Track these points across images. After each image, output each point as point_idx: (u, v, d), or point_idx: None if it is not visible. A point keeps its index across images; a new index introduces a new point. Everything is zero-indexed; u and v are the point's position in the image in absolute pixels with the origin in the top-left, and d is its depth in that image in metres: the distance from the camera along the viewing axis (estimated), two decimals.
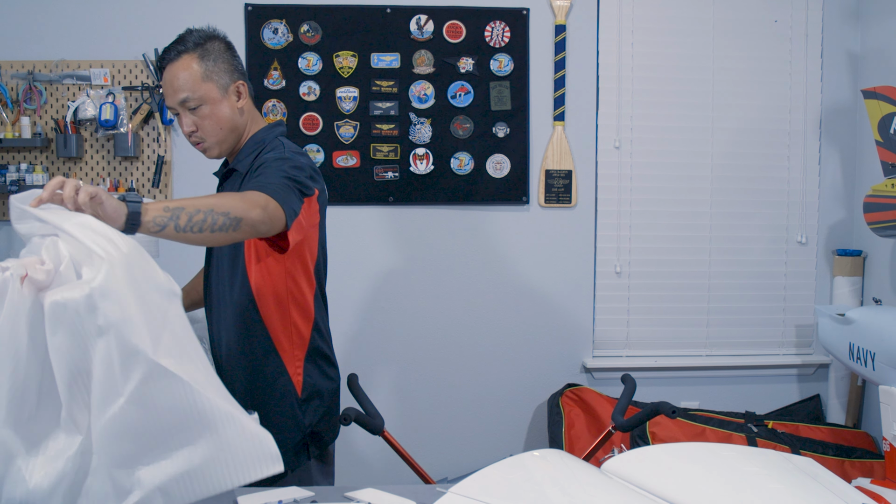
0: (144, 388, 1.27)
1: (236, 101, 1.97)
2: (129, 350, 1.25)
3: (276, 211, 1.66)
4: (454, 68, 3.33)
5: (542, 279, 3.44)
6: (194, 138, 1.97)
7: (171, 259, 1.74)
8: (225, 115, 1.95)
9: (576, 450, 3.17)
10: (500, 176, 3.38)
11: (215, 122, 1.94)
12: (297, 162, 1.87)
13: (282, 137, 2.01)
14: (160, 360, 1.27)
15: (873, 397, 3.28)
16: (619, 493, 1.45)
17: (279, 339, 1.97)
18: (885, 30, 3.29)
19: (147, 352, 1.26)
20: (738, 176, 3.47)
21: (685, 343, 3.50)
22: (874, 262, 3.36)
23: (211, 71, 1.93)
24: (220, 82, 1.94)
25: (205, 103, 1.92)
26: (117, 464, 1.32)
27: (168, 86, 1.93)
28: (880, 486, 2.71)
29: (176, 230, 1.46)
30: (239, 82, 1.98)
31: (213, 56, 1.94)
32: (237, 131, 1.99)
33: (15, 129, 3.19)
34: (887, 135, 2.93)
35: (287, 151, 1.91)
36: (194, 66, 1.91)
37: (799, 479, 1.50)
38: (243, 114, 1.99)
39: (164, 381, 1.28)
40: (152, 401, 1.29)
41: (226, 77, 1.95)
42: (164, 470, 1.33)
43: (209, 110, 1.93)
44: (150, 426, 1.30)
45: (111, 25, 3.23)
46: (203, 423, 1.33)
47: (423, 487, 1.76)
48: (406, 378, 3.44)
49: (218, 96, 1.93)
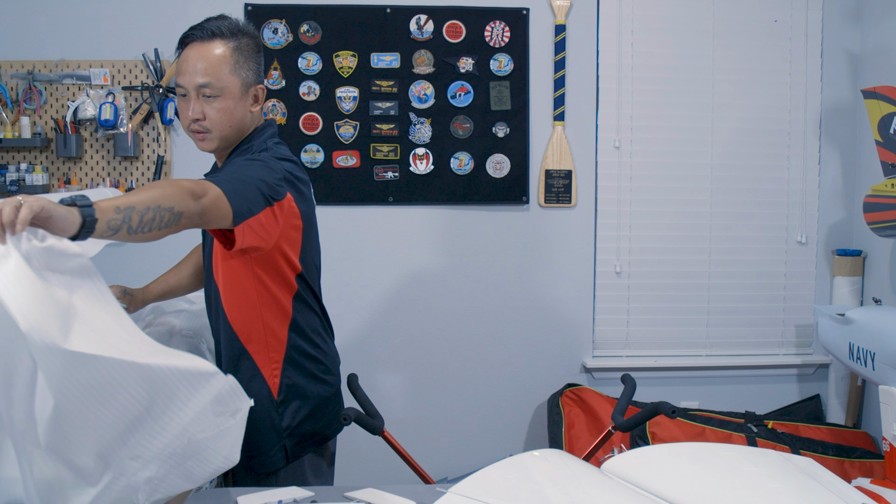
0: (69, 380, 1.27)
1: (251, 104, 1.89)
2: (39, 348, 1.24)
3: (221, 203, 1.58)
4: (454, 68, 3.33)
5: (542, 279, 3.44)
6: (197, 126, 1.84)
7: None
8: (238, 114, 1.85)
9: (576, 450, 3.17)
10: (500, 176, 3.38)
11: (227, 118, 1.84)
12: (273, 165, 1.78)
13: (270, 140, 1.91)
14: (73, 347, 1.26)
15: (873, 397, 3.28)
16: (619, 493, 1.45)
17: (249, 340, 1.90)
18: (885, 30, 3.29)
19: (57, 343, 1.25)
20: (738, 176, 3.47)
21: (685, 343, 3.50)
22: (874, 262, 3.36)
23: (240, 66, 1.84)
24: (245, 80, 1.85)
25: (223, 96, 1.82)
26: (75, 452, 1.32)
27: (189, 64, 1.81)
28: (880, 486, 2.71)
29: (128, 232, 1.37)
30: (260, 86, 1.91)
31: (246, 52, 1.86)
32: (241, 133, 1.90)
33: (15, 129, 3.19)
34: (887, 135, 2.93)
35: (267, 154, 1.84)
36: (226, 54, 1.82)
37: (799, 479, 1.50)
38: (253, 118, 1.92)
39: (85, 367, 1.27)
40: (82, 388, 1.27)
41: (252, 77, 1.87)
42: (125, 442, 1.34)
43: (224, 105, 1.82)
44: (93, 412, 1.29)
45: (111, 25, 3.23)
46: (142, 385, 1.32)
47: (423, 487, 1.75)
48: (406, 378, 3.44)
49: (238, 94, 1.84)
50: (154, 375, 1.34)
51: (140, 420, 1.35)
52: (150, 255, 2.57)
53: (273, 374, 1.92)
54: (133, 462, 1.37)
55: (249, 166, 1.74)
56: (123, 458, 1.36)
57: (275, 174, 1.76)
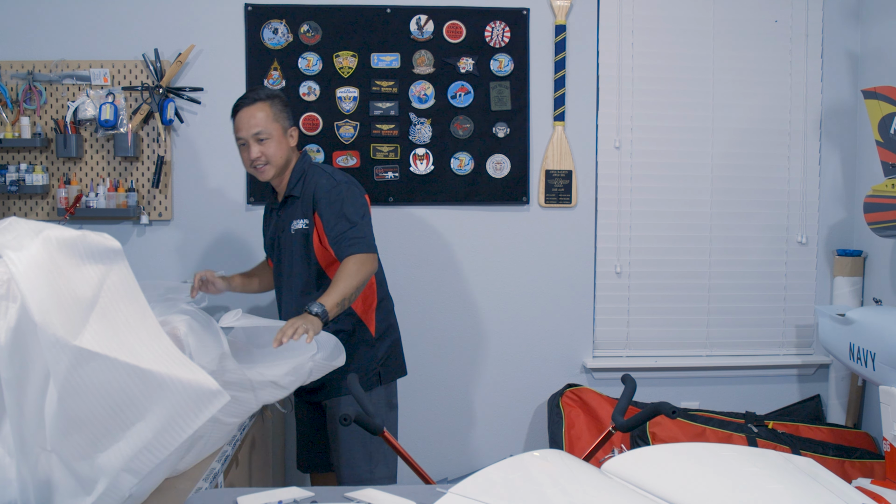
0: (74, 376, 1.27)
1: (290, 141, 2.65)
2: (49, 342, 1.25)
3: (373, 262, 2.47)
4: (454, 68, 3.33)
5: (542, 279, 3.44)
6: (258, 162, 2.57)
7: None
8: (284, 149, 2.61)
9: (576, 450, 3.17)
10: (500, 176, 3.37)
11: (278, 151, 2.59)
12: (353, 193, 2.56)
13: (317, 165, 2.68)
14: (82, 343, 1.27)
15: (873, 397, 3.28)
16: (619, 494, 1.45)
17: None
18: (885, 30, 3.29)
19: (67, 339, 1.26)
20: (738, 176, 3.47)
21: (685, 343, 3.50)
22: (874, 262, 3.35)
23: (278, 116, 2.60)
24: (284, 126, 2.62)
25: (272, 138, 2.58)
26: (75, 457, 1.33)
27: (244, 122, 2.57)
28: (880, 487, 2.71)
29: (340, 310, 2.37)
30: (293, 129, 2.66)
31: (279, 107, 2.62)
32: (288, 164, 2.64)
33: (15, 129, 3.18)
34: (887, 135, 2.93)
35: (336, 180, 2.59)
36: (268, 109, 2.58)
37: (799, 480, 1.50)
38: (292, 151, 2.66)
39: (91, 365, 1.28)
40: (86, 386, 1.29)
41: (287, 123, 2.64)
42: (122, 452, 1.35)
43: (274, 143, 2.58)
44: (94, 412, 1.31)
45: (111, 25, 3.23)
46: (143, 392, 1.33)
47: (423, 487, 1.75)
48: (406, 378, 3.43)
49: (281, 135, 2.61)
50: (158, 387, 1.34)
51: (139, 433, 1.35)
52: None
53: (369, 319, 2.68)
54: (128, 475, 1.37)
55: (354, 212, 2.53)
56: (119, 469, 1.35)
57: (360, 201, 2.58)
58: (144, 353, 1.35)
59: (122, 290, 1.36)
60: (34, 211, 3.25)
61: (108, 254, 1.34)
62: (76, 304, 1.29)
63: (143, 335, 1.37)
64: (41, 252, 1.28)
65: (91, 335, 1.28)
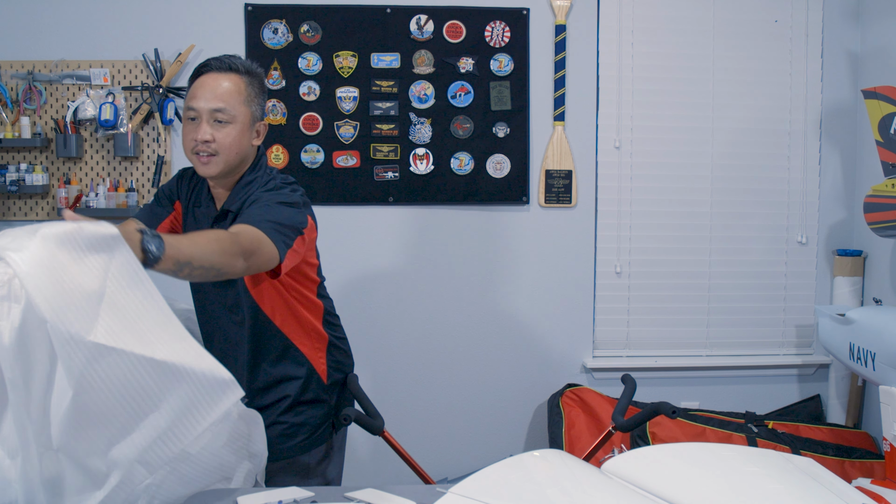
0: (90, 372, 1.27)
1: (254, 138, 2.02)
2: (63, 340, 1.25)
3: (269, 251, 1.74)
4: (454, 68, 3.33)
5: (542, 279, 3.44)
6: (204, 148, 1.93)
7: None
8: (243, 142, 1.97)
9: (576, 450, 3.17)
10: (500, 176, 3.37)
11: (235, 144, 1.95)
12: (291, 198, 1.92)
13: (274, 170, 2.06)
14: (97, 339, 1.27)
15: (873, 397, 3.28)
16: (619, 494, 1.45)
17: (293, 336, 2.08)
18: (885, 30, 3.29)
19: (82, 335, 1.26)
20: (738, 176, 3.47)
21: (685, 343, 3.50)
22: (874, 262, 3.35)
23: (251, 100, 1.98)
24: (253, 114, 1.99)
25: (234, 123, 1.94)
26: (88, 452, 1.33)
27: (206, 90, 1.93)
28: (880, 487, 2.71)
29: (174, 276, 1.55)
30: (262, 123, 2.04)
31: (256, 89, 2.01)
32: (242, 164, 2.00)
33: (15, 129, 3.18)
34: (887, 135, 2.93)
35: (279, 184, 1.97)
36: (241, 85, 1.96)
37: (799, 480, 1.50)
38: (251, 151, 2.03)
39: (107, 360, 1.28)
40: (102, 382, 1.29)
41: (258, 112, 2.02)
42: (135, 443, 1.35)
43: (234, 131, 1.94)
44: (110, 407, 1.31)
45: (111, 25, 3.23)
46: (159, 385, 1.34)
47: (423, 487, 1.75)
48: (406, 378, 3.44)
49: (247, 125, 1.97)
50: (174, 378, 1.34)
51: (154, 424, 1.35)
52: None
53: (320, 362, 2.13)
54: (141, 467, 1.37)
55: (277, 209, 1.87)
56: (132, 461, 1.35)
57: (299, 209, 1.92)
58: (157, 343, 1.35)
59: (128, 276, 1.36)
60: (34, 211, 3.25)
61: (108, 241, 1.34)
62: (84, 297, 1.29)
63: (153, 321, 1.37)
64: (41, 250, 1.27)
65: (104, 329, 1.29)
